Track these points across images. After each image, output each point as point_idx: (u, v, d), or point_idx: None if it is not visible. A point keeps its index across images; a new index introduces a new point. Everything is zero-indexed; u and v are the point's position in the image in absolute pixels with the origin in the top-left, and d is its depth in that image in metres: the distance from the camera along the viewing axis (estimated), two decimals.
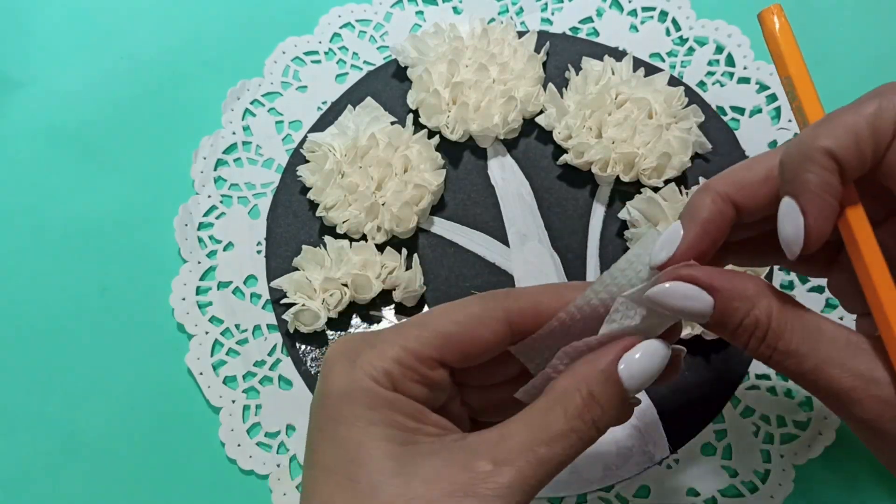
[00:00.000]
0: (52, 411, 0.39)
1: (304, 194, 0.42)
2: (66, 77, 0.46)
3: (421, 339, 0.26)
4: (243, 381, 0.39)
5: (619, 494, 0.37)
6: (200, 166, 0.43)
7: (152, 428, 0.39)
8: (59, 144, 0.45)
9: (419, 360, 0.25)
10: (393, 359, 0.25)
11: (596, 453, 0.37)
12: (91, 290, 0.42)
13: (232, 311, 0.40)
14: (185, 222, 0.42)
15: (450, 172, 0.42)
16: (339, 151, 0.41)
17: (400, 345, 0.25)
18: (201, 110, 0.45)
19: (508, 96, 0.42)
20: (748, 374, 0.38)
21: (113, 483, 0.38)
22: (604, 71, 0.43)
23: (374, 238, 0.40)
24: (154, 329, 0.41)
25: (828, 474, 0.37)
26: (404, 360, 0.25)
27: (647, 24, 0.46)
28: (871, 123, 0.22)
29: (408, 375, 0.25)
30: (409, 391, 0.25)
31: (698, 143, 0.41)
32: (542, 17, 0.46)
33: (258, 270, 0.41)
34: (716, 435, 0.38)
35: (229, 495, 0.38)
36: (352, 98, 0.44)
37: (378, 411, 0.24)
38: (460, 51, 0.43)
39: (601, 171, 0.41)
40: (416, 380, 0.25)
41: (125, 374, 0.40)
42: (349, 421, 0.24)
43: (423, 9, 0.47)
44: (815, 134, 0.23)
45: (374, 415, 0.24)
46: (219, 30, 0.47)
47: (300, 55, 0.46)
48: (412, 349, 0.25)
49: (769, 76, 0.44)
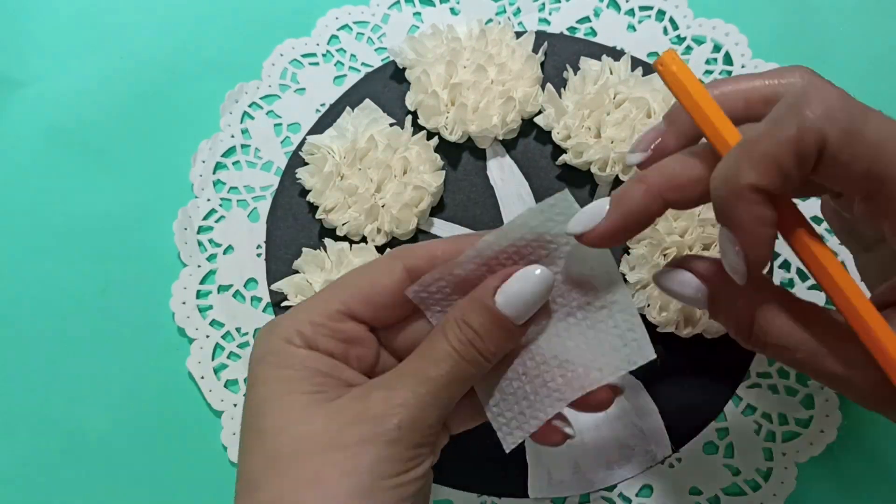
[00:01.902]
0: (52, 416, 0.39)
1: (303, 197, 0.42)
2: (66, 77, 0.46)
3: (327, 297, 0.28)
4: (244, 385, 0.39)
5: (621, 494, 0.37)
6: (199, 170, 0.43)
7: (154, 432, 0.39)
8: (59, 144, 0.45)
9: (327, 317, 0.27)
10: (304, 320, 0.27)
11: (598, 453, 0.37)
12: (91, 291, 0.41)
13: (232, 314, 0.40)
14: (185, 226, 0.42)
15: (449, 173, 0.42)
16: (338, 153, 0.41)
17: (311, 307, 0.28)
18: (199, 113, 0.45)
19: (507, 97, 0.42)
20: (749, 372, 0.38)
21: (114, 487, 0.38)
22: (602, 70, 0.43)
23: (374, 240, 0.40)
24: (155, 333, 0.41)
25: (830, 472, 0.37)
26: (314, 320, 0.27)
27: (644, 24, 0.46)
28: (792, 151, 0.22)
29: (319, 331, 0.27)
30: (324, 346, 0.27)
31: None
32: (539, 17, 0.46)
33: (258, 273, 0.41)
34: (718, 433, 0.38)
35: (231, 499, 0.38)
36: (350, 100, 0.44)
37: (288, 369, 0.27)
38: (458, 52, 0.43)
39: (600, 170, 0.41)
40: (328, 334, 0.27)
41: (126, 379, 0.40)
42: (261, 381, 0.27)
43: (421, 10, 0.47)
44: (739, 169, 0.23)
45: (283, 372, 0.27)
46: (216, 33, 0.47)
47: (298, 57, 0.46)
48: (320, 309, 0.28)
49: None
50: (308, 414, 0.26)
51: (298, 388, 0.26)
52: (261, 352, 0.28)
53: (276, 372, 0.27)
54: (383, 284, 0.28)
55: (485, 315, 0.26)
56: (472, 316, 0.27)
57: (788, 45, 0.45)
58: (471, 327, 0.26)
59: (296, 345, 0.27)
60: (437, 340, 0.27)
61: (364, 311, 0.28)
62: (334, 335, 0.27)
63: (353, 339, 0.28)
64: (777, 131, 0.22)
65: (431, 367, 0.26)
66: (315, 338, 0.27)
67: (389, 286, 0.28)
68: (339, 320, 0.28)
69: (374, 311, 0.28)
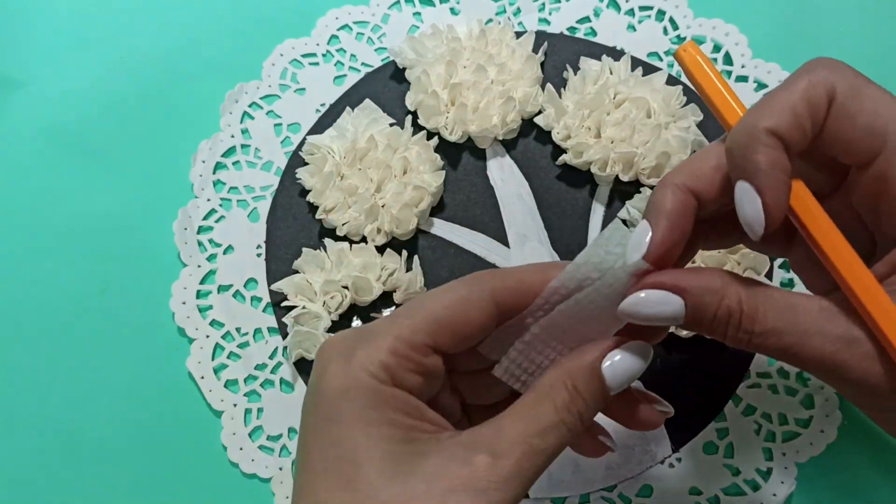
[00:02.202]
0: (52, 415, 0.39)
1: (303, 197, 0.42)
2: (66, 77, 0.46)
3: (413, 326, 0.25)
4: (244, 385, 0.39)
5: (621, 494, 0.37)
6: (199, 170, 0.43)
7: (153, 432, 0.39)
8: (59, 144, 0.45)
9: (413, 349, 0.25)
10: (388, 350, 0.25)
11: None
12: (91, 292, 0.41)
13: (232, 314, 0.40)
14: (185, 226, 0.42)
15: (449, 174, 0.42)
16: (338, 153, 0.41)
17: (394, 335, 0.25)
18: (199, 113, 0.45)
19: (507, 97, 0.42)
20: (749, 372, 0.38)
21: (114, 487, 0.38)
22: (602, 70, 0.43)
23: (374, 240, 0.40)
24: (154, 333, 0.40)
25: (830, 472, 0.37)
26: (399, 350, 0.25)
27: (644, 24, 0.46)
28: (805, 98, 0.24)
29: (404, 365, 0.25)
30: (407, 382, 0.25)
31: (697, 142, 0.41)
32: (539, 17, 0.46)
33: (258, 273, 0.41)
34: (717, 433, 0.38)
35: (232, 499, 0.38)
36: (350, 100, 0.44)
37: (376, 410, 0.24)
38: (458, 52, 0.43)
39: (600, 170, 0.41)
40: (412, 369, 0.25)
41: (126, 379, 0.40)
42: (347, 421, 0.24)
43: (421, 10, 0.47)
44: (756, 116, 0.24)
45: (373, 414, 0.24)
46: (216, 33, 0.47)
47: (298, 57, 0.46)
48: (406, 338, 0.25)
49: (767, 74, 0.44)
50: (405, 472, 0.23)
51: (391, 436, 0.24)
52: (341, 383, 0.24)
53: (366, 413, 0.24)
54: (474, 320, 0.26)
55: (594, 384, 0.25)
56: (581, 383, 0.25)
57: (788, 45, 0.45)
58: (580, 395, 0.25)
59: (381, 380, 0.24)
60: (544, 407, 0.25)
61: (449, 343, 0.26)
62: (418, 370, 0.25)
63: (433, 374, 0.26)
64: (790, 84, 0.24)
65: (538, 439, 0.24)
66: (400, 373, 0.25)
67: (480, 321, 0.26)
68: (426, 354, 0.25)
69: (458, 344, 0.26)
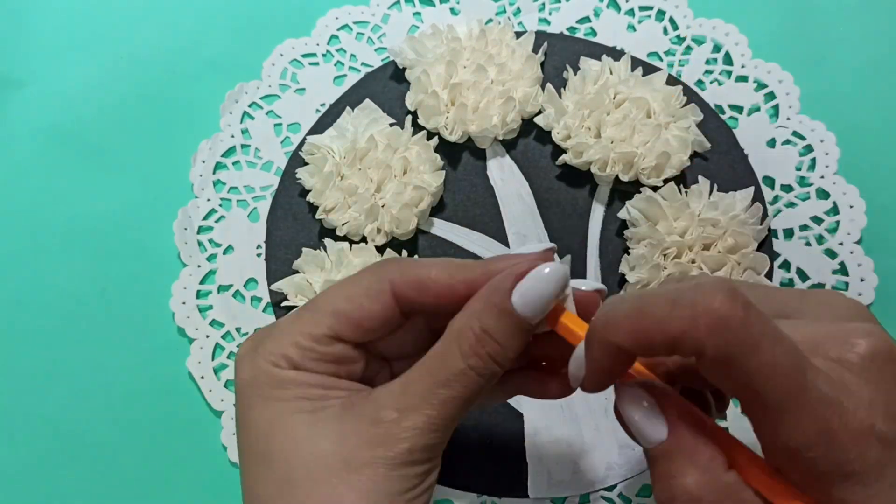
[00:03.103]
0: (52, 415, 0.39)
1: (303, 197, 0.42)
2: (66, 77, 0.46)
3: (314, 321, 0.26)
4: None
5: (621, 494, 0.37)
6: (199, 170, 0.43)
7: (153, 432, 0.39)
8: (59, 144, 0.45)
9: (315, 341, 0.26)
10: (290, 344, 0.26)
11: (598, 453, 0.37)
12: (91, 292, 0.41)
13: (232, 314, 0.40)
14: (185, 226, 0.42)
15: (449, 174, 0.42)
16: (338, 153, 0.41)
17: (296, 330, 0.26)
18: (199, 113, 0.45)
19: (507, 97, 0.42)
20: None
21: (114, 487, 0.38)
22: (602, 71, 0.43)
23: (374, 240, 0.40)
24: (154, 333, 0.41)
25: None
26: (301, 343, 0.26)
27: (644, 24, 0.46)
28: (668, 343, 0.21)
29: (307, 356, 0.26)
30: (313, 369, 0.26)
31: (697, 142, 0.41)
32: (539, 17, 0.46)
33: (258, 273, 0.41)
34: None
35: (232, 499, 0.38)
36: (350, 100, 0.44)
37: (283, 389, 0.26)
38: (458, 52, 0.43)
39: (600, 170, 0.41)
40: (316, 358, 0.26)
41: (126, 379, 0.40)
42: (258, 404, 0.26)
43: (421, 10, 0.47)
44: (617, 325, 0.22)
45: (280, 392, 0.26)
46: (216, 33, 0.47)
47: (298, 57, 0.46)
48: (307, 332, 0.26)
49: (767, 74, 0.44)
50: (315, 434, 0.25)
51: (298, 407, 0.25)
52: (248, 375, 0.26)
53: (272, 393, 0.26)
54: (374, 313, 0.26)
55: (504, 320, 0.24)
56: (491, 322, 0.24)
57: (788, 45, 0.45)
58: (490, 336, 0.24)
59: (282, 368, 0.26)
60: (450, 356, 0.25)
61: (352, 334, 0.27)
62: (323, 358, 0.26)
63: (342, 359, 0.27)
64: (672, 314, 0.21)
65: (443, 389, 0.25)
66: (302, 361, 0.26)
67: (378, 312, 0.26)
68: (328, 344, 0.26)
69: (363, 334, 0.27)
